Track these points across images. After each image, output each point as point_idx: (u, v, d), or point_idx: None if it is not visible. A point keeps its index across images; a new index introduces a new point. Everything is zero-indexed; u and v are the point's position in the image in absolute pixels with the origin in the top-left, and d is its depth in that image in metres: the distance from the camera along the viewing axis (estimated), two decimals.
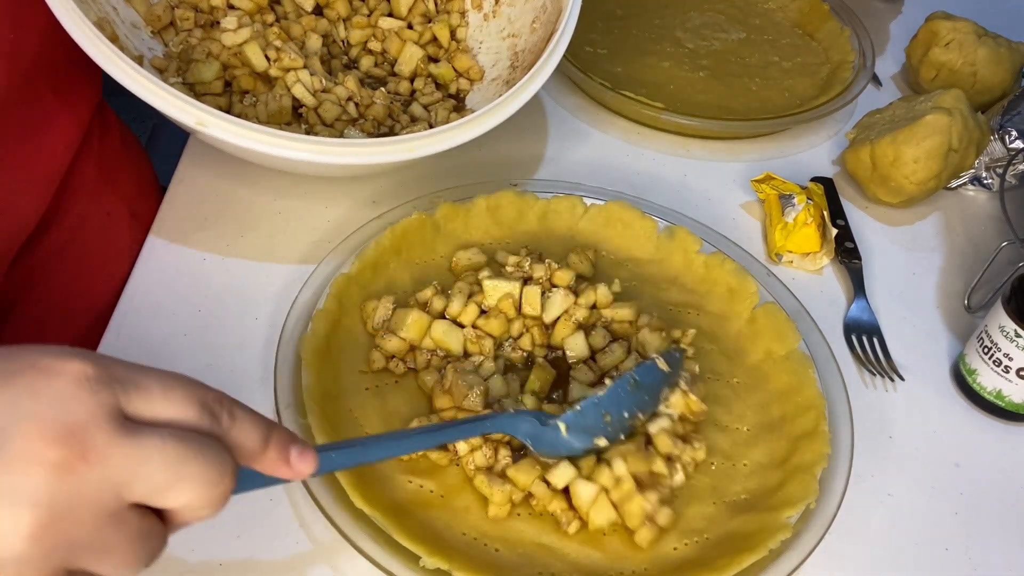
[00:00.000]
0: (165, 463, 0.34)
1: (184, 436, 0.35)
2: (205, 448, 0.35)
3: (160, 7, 0.77)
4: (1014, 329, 0.65)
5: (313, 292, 0.65)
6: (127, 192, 0.76)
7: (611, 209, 0.75)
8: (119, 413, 0.33)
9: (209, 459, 0.35)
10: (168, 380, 0.36)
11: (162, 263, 0.71)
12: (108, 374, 0.34)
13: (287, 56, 0.74)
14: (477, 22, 0.87)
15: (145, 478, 0.33)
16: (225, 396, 0.37)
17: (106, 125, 0.76)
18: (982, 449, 0.67)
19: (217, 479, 0.35)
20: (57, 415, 0.32)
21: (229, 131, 0.61)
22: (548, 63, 0.71)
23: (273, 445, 0.38)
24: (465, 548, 0.54)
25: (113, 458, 0.33)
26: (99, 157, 0.74)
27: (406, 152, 0.64)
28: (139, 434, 0.33)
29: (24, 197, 0.64)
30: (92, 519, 0.33)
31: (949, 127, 0.79)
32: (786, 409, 0.63)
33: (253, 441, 0.38)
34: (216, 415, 0.36)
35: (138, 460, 0.33)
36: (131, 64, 0.59)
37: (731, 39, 1.01)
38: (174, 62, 0.76)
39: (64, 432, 0.32)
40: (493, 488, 0.55)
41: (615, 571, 0.54)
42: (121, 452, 0.33)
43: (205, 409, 0.36)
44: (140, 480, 0.33)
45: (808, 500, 0.56)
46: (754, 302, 0.70)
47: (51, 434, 0.32)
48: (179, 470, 0.34)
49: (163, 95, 0.60)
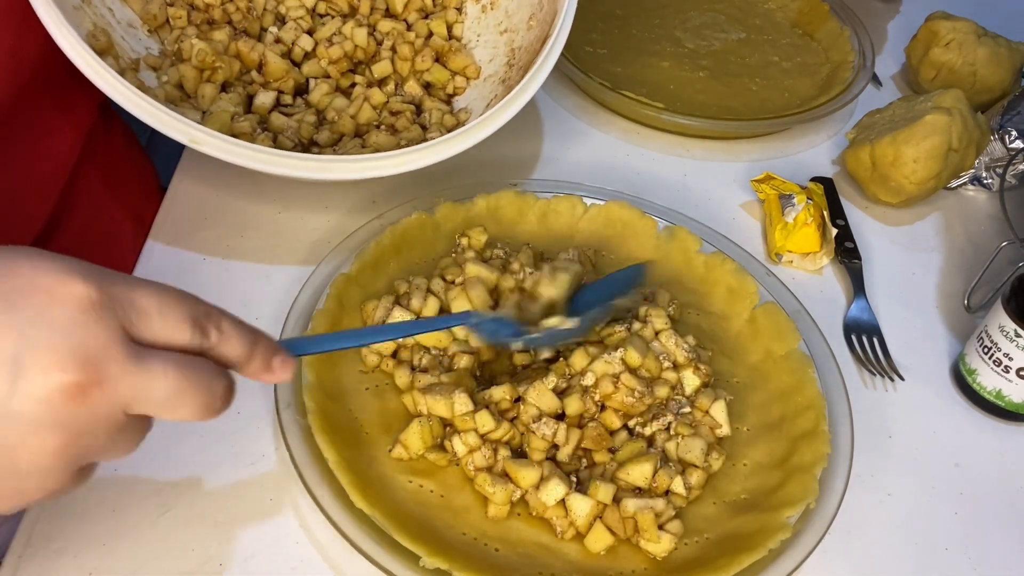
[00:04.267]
0: (167, 387, 0.37)
1: (183, 362, 0.38)
2: (202, 372, 0.39)
3: (155, 5, 0.77)
4: (1014, 329, 0.65)
5: (313, 292, 0.65)
6: (131, 194, 0.76)
7: (611, 209, 0.75)
8: (125, 337, 0.36)
9: (205, 384, 0.39)
10: (163, 297, 0.39)
11: (162, 264, 0.71)
12: (110, 297, 0.36)
13: None
14: (475, 13, 0.87)
15: (149, 400, 0.37)
16: (214, 309, 0.41)
17: (110, 128, 0.77)
18: (982, 449, 0.67)
19: (210, 402, 0.39)
20: (70, 344, 0.35)
21: (223, 150, 0.61)
22: (543, 68, 0.70)
23: (257, 355, 0.42)
24: (465, 548, 0.54)
25: (123, 381, 0.36)
26: (103, 160, 0.74)
27: (398, 167, 0.65)
28: (145, 359, 0.37)
29: (29, 201, 0.64)
30: (104, 432, 0.37)
31: (949, 127, 0.79)
32: (786, 409, 0.63)
33: (239, 353, 0.41)
34: (206, 331, 0.40)
35: (144, 384, 0.37)
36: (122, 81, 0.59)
37: (731, 39, 1.01)
38: (168, 60, 0.76)
39: (79, 361, 0.35)
40: (495, 488, 0.55)
41: (615, 571, 0.54)
42: (130, 376, 0.36)
43: (196, 327, 0.39)
44: (144, 401, 0.37)
45: (808, 500, 0.56)
46: (754, 302, 0.70)
47: (68, 363, 0.34)
48: (179, 394, 0.38)
49: (155, 113, 0.60)
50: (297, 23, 0.81)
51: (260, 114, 0.76)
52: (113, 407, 0.36)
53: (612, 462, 0.58)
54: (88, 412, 0.35)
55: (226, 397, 0.40)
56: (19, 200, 0.63)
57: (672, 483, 0.57)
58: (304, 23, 0.81)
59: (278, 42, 0.80)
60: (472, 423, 0.57)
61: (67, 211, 0.68)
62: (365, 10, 0.84)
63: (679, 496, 0.57)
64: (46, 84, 0.64)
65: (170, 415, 0.39)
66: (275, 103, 0.77)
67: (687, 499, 0.57)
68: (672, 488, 0.57)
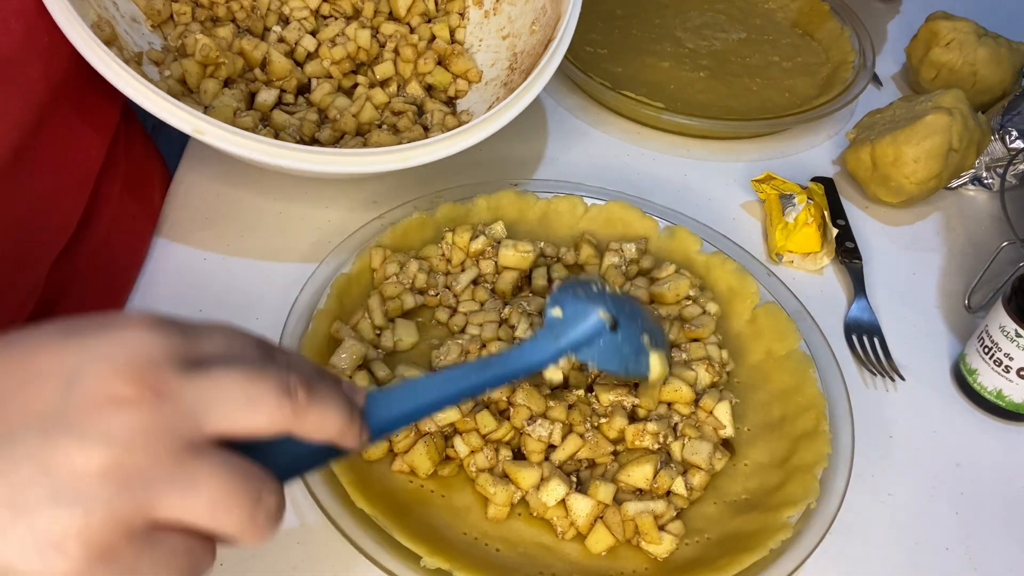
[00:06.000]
0: (236, 386, 0.33)
1: (249, 359, 0.34)
2: (268, 366, 0.34)
3: (159, 1, 0.77)
4: (1015, 329, 0.65)
5: (314, 291, 0.65)
6: (149, 196, 0.76)
7: (611, 209, 0.75)
8: (187, 352, 0.33)
9: (276, 375, 0.34)
10: (229, 328, 0.36)
11: (163, 262, 0.71)
12: (173, 322, 0.34)
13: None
14: (477, 19, 0.87)
15: (221, 406, 0.33)
16: (276, 344, 0.37)
17: (131, 128, 0.77)
18: (982, 449, 0.67)
19: (287, 392, 0.34)
20: (128, 354, 0.32)
21: (226, 140, 0.61)
22: (546, 71, 0.70)
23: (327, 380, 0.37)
24: (466, 548, 0.54)
25: (186, 389, 0.32)
26: (126, 160, 0.74)
27: (402, 162, 0.65)
28: (208, 366, 0.33)
29: (60, 206, 0.64)
30: (169, 452, 0.31)
31: (949, 127, 0.79)
32: (787, 409, 0.63)
33: (309, 375, 0.36)
34: (271, 355, 0.36)
35: (210, 388, 0.33)
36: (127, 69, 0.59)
37: (731, 39, 1.01)
38: (171, 55, 0.76)
39: (135, 369, 0.31)
40: (496, 488, 0.55)
41: (615, 571, 0.54)
42: (192, 384, 0.32)
43: (262, 347, 0.36)
44: (217, 409, 0.32)
45: (809, 500, 0.56)
46: (755, 302, 0.70)
47: (122, 371, 0.31)
48: (251, 389, 0.33)
49: (160, 102, 0.60)
50: (301, 23, 0.81)
51: (262, 111, 0.76)
52: (176, 419, 0.32)
53: (613, 463, 0.58)
54: (145, 423, 0.31)
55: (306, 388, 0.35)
56: (51, 206, 0.63)
57: (673, 484, 0.57)
58: (308, 24, 0.82)
59: (281, 41, 0.80)
60: (473, 423, 0.57)
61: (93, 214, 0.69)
62: (369, 13, 0.84)
63: (680, 497, 0.57)
64: (78, 81, 0.64)
65: (249, 419, 0.33)
66: (277, 101, 0.77)
67: (688, 500, 0.57)
68: (673, 489, 0.57)
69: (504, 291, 0.67)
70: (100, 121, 0.69)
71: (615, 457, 0.59)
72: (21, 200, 0.60)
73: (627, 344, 0.54)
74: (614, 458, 0.59)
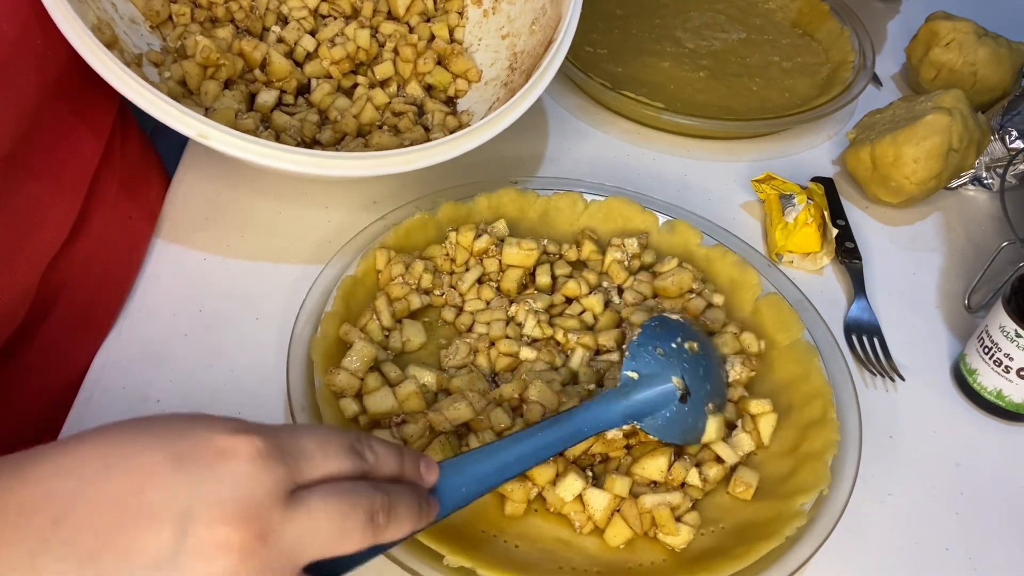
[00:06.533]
0: (331, 521, 0.37)
1: (341, 489, 0.38)
2: (360, 496, 0.38)
3: (158, 2, 0.77)
4: (1014, 329, 0.65)
5: (321, 294, 0.65)
6: (146, 196, 0.76)
7: (612, 204, 0.75)
8: (287, 483, 0.36)
9: (365, 500, 0.38)
10: (321, 435, 0.39)
11: (162, 263, 0.71)
12: (275, 445, 0.36)
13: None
14: (476, 18, 0.87)
15: (315, 541, 0.36)
16: (362, 434, 0.41)
17: (127, 130, 0.77)
18: (982, 449, 0.67)
19: (372, 514, 0.38)
20: (236, 497, 0.34)
21: (232, 144, 0.61)
22: (547, 72, 0.70)
23: (407, 464, 0.42)
24: (485, 545, 0.54)
25: (288, 532, 0.35)
26: (121, 162, 0.74)
27: (406, 164, 0.65)
28: (306, 501, 0.36)
29: (57, 205, 0.64)
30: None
31: (949, 127, 0.79)
32: (793, 398, 0.63)
33: (393, 466, 0.41)
34: (363, 455, 0.40)
35: (308, 527, 0.36)
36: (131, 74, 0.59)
37: (731, 39, 1.01)
38: (170, 56, 0.76)
39: (244, 515, 0.34)
40: (513, 486, 0.55)
41: (634, 562, 0.54)
42: (293, 525, 0.36)
43: (354, 453, 0.39)
44: (312, 545, 0.36)
45: (821, 487, 0.56)
46: (756, 293, 0.70)
47: (231, 517, 0.34)
48: (343, 524, 0.37)
49: (162, 106, 0.60)
50: (300, 23, 0.81)
51: (262, 112, 0.76)
52: (279, 562, 0.35)
53: (626, 456, 0.58)
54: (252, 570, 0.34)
55: (387, 510, 0.39)
56: (45, 207, 0.63)
57: (688, 475, 0.57)
58: (307, 24, 0.81)
59: (280, 42, 0.80)
60: (487, 421, 0.57)
61: (89, 215, 0.69)
62: (368, 12, 0.84)
63: (695, 488, 0.58)
64: (72, 85, 0.64)
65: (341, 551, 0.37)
66: (277, 102, 0.77)
67: (703, 491, 0.58)
68: (688, 480, 0.57)
69: (509, 289, 0.68)
70: (95, 122, 0.69)
71: (628, 451, 0.59)
72: (14, 201, 0.60)
73: (692, 415, 0.57)
74: (627, 452, 0.59)
